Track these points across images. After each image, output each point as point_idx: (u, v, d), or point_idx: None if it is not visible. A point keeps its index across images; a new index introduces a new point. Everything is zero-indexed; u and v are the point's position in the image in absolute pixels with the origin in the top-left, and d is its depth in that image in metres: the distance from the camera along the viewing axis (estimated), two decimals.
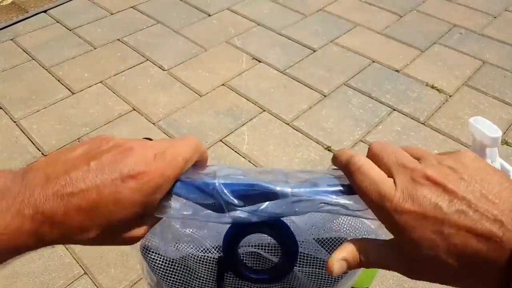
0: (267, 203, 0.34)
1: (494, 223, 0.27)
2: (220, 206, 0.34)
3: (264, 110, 1.67)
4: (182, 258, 0.42)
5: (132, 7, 2.28)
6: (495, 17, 2.24)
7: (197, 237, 0.41)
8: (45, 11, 2.22)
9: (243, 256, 0.41)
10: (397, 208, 0.29)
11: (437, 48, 2.01)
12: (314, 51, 1.99)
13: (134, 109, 1.66)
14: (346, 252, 0.33)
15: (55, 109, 1.66)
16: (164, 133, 1.57)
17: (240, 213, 0.34)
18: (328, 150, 1.50)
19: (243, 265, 0.39)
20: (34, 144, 1.51)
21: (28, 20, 2.15)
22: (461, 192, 0.29)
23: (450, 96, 1.75)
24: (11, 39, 2.03)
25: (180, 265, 0.43)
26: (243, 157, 1.49)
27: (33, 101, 1.69)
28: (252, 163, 1.46)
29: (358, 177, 0.32)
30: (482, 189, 0.29)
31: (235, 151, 1.51)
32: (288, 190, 0.34)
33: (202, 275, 0.42)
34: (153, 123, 1.60)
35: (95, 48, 1.98)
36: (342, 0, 2.36)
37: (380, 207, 0.30)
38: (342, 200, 0.34)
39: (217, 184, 0.34)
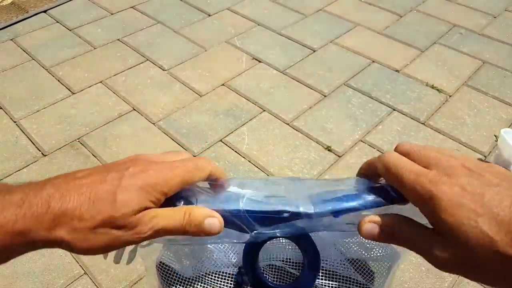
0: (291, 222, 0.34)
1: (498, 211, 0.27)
2: (244, 229, 0.34)
3: (264, 110, 1.67)
4: (199, 276, 0.41)
5: (132, 7, 2.28)
6: (495, 17, 2.24)
7: (216, 250, 0.40)
8: (45, 11, 2.22)
9: (263, 270, 0.40)
10: (432, 179, 0.29)
11: (437, 48, 2.01)
12: (314, 51, 1.99)
13: (134, 109, 1.66)
14: (380, 218, 0.32)
15: (55, 109, 1.66)
16: (164, 133, 1.57)
17: (264, 231, 0.34)
18: (328, 150, 1.50)
19: (263, 278, 0.38)
20: (34, 144, 1.51)
21: (28, 20, 2.15)
22: (495, 180, 0.29)
23: (450, 96, 1.75)
24: (11, 39, 2.03)
25: (196, 282, 0.42)
26: (243, 157, 1.49)
27: (33, 101, 1.69)
28: (252, 163, 1.46)
29: (395, 170, 0.32)
30: (495, 182, 0.29)
31: (235, 151, 1.51)
32: (311, 210, 0.33)
33: None
34: (153, 123, 1.60)
35: (95, 48, 1.98)
36: (342, 0, 2.36)
37: (416, 183, 0.30)
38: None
39: (241, 212, 0.34)
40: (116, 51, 1.96)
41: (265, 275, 0.39)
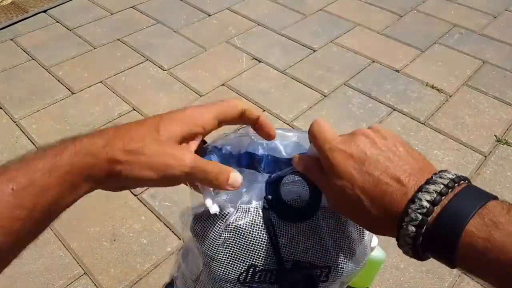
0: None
1: (404, 173, 0.35)
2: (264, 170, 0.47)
3: (264, 110, 1.67)
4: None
5: (132, 7, 2.28)
6: (495, 17, 2.24)
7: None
8: (45, 11, 2.22)
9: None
10: (332, 147, 0.39)
11: (437, 48, 2.01)
12: (314, 51, 1.99)
13: (134, 109, 1.66)
14: (307, 157, 0.44)
15: (55, 109, 1.66)
16: None
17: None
18: None
19: (285, 202, 0.48)
20: (34, 144, 1.51)
21: (28, 20, 2.15)
22: (385, 148, 0.38)
23: (450, 96, 1.75)
24: (11, 39, 2.03)
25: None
26: None
27: (33, 101, 1.69)
28: None
29: (315, 130, 0.43)
30: (402, 152, 0.37)
31: None
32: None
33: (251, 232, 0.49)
34: None
35: (95, 48, 1.98)
36: (342, 0, 2.36)
37: (322, 148, 0.40)
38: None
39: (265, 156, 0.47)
40: (116, 51, 1.96)
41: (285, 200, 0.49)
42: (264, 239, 0.47)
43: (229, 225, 0.47)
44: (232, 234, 0.47)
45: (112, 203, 1.30)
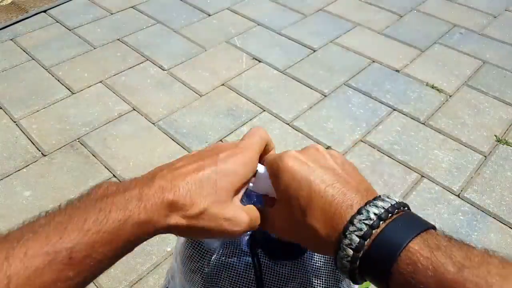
0: None
1: (351, 188, 0.36)
2: None
3: (264, 110, 1.67)
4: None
5: (132, 7, 2.28)
6: (495, 17, 2.24)
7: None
8: (44, 11, 2.22)
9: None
10: (283, 155, 0.39)
11: (437, 48, 2.01)
12: (314, 51, 1.98)
13: (134, 109, 1.66)
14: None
15: (55, 109, 1.66)
16: (164, 133, 1.57)
17: None
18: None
19: (272, 240, 0.46)
20: (34, 144, 1.51)
21: (28, 20, 2.15)
22: (333, 163, 0.39)
23: (450, 96, 1.75)
24: (11, 39, 2.02)
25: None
26: None
27: (33, 101, 1.68)
28: None
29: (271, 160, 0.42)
30: (350, 171, 0.39)
31: None
32: None
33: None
34: (153, 123, 1.60)
35: (95, 48, 1.98)
36: (342, 0, 2.36)
37: (270, 161, 0.41)
38: None
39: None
40: (116, 51, 1.96)
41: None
42: (250, 277, 0.46)
43: (215, 261, 0.47)
44: (217, 269, 0.47)
45: None
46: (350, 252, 0.33)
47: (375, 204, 0.34)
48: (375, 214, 0.33)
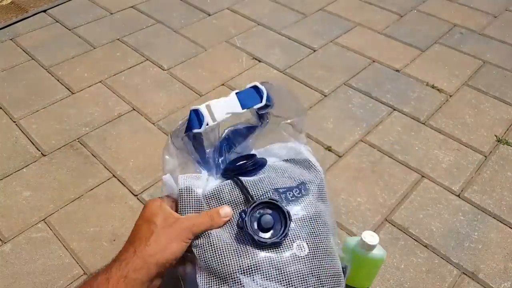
0: None
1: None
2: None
3: None
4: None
5: (132, 6, 2.28)
6: (495, 17, 2.24)
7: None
8: (44, 11, 2.22)
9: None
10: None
11: (437, 48, 2.01)
12: (314, 50, 1.98)
13: (134, 109, 1.66)
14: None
15: (54, 109, 1.66)
16: (164, 133, 1.56)
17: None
18: (328, 150, 1.50)
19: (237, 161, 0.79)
20: (33, 144, 1.51)
21: (28, 20, 2.15)
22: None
23: (451, 96, 1.75)
24: (11, 39, 2.02)
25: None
26: None
27: (32, 101, 1.68)
28: None
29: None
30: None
31: None
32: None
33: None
34: (153, 123, 1.60)
35: (94, 48, 1.98)
36: (342, 0, 2.36)
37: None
38: None
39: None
40: (116, 51, 1.96)
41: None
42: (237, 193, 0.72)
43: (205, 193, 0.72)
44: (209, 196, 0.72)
45: (112, 203, 1.30)
46: None
47: None
48: None
